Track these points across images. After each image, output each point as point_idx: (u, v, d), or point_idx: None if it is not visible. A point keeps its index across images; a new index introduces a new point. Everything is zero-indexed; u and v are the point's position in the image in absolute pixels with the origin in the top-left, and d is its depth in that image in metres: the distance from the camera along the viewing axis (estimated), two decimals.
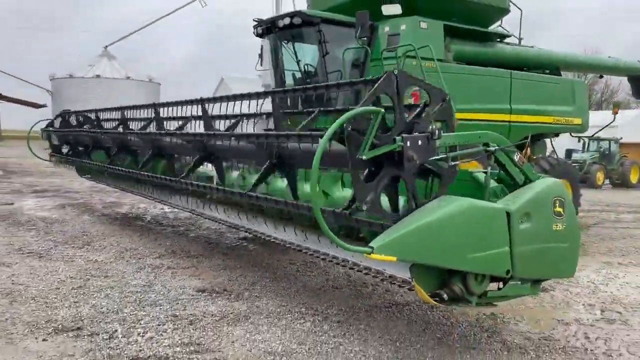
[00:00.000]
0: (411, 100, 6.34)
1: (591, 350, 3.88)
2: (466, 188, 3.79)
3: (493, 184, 3.67)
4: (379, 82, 3.28)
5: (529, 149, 6.75)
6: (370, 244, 2.98)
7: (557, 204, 3.57)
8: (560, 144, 28.81)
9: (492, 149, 3.53)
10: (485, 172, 3.69)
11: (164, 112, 6.65)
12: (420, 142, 3.20)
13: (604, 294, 5.37)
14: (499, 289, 3.47)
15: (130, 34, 42.96)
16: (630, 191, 20.38)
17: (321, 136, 3.05)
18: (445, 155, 3.31)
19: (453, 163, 3.39)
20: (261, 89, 8.77)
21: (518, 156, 3.68)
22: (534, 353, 3.78)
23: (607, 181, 22.74)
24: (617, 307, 4.94)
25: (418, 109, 3.44)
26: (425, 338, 4.03)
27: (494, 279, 3.41)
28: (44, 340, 3.80)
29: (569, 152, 29.65)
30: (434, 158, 3.22)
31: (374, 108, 3.05)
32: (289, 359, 3.58)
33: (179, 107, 6.19)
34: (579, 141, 26.55)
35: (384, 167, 3.21)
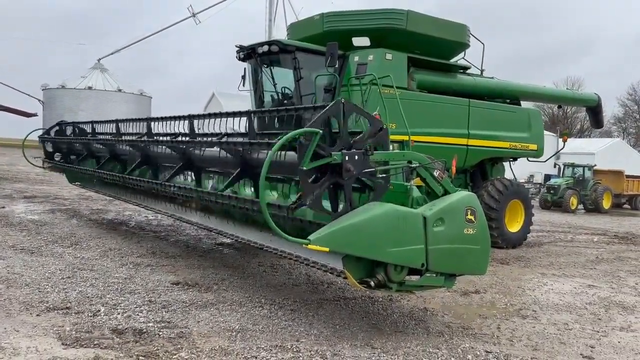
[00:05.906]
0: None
1: (497, 337, 4.65)
2: (402, 197, 4.59)
3: (417, 194, 4.45)
4: (328, 107, 4.07)
5: (454, 167, 7.57)
6: (308, 237, 3.75)
7: (469, 213, 4.36)
8: (538, 169, 29.68)
9: (413, 165, 4.34)
10: (417, 186, 4.51)
11: (155, 126, 7.32)
12: (357, 157, 3.99)
13: (528, 297, 6.16)
14: None
15: (122, 48, 43.77)
16: (600, 216, 21.22)
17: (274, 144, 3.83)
18: (375, 169, 4.09)
19: (384, 175, 4.17)
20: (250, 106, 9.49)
21: (438, 172, 4.47)
22: (448, 336, 4.53)
23: (580, 206, 23.50)
24: (534, 307, 5.72)
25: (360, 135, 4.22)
26: (361, 323, 4.78)
27: (412, 271, 4.17)
28: (37, 315, 4.49)
29: (547, 177, 30.69)
30: (367, 170, 4.00)
31: (312, 129, 3.83)
32: (243, 335, 4.30)
33: (169, 122, 6.87)
34: (554, 166, 27.57)
35: (327, 173, 3.98)
